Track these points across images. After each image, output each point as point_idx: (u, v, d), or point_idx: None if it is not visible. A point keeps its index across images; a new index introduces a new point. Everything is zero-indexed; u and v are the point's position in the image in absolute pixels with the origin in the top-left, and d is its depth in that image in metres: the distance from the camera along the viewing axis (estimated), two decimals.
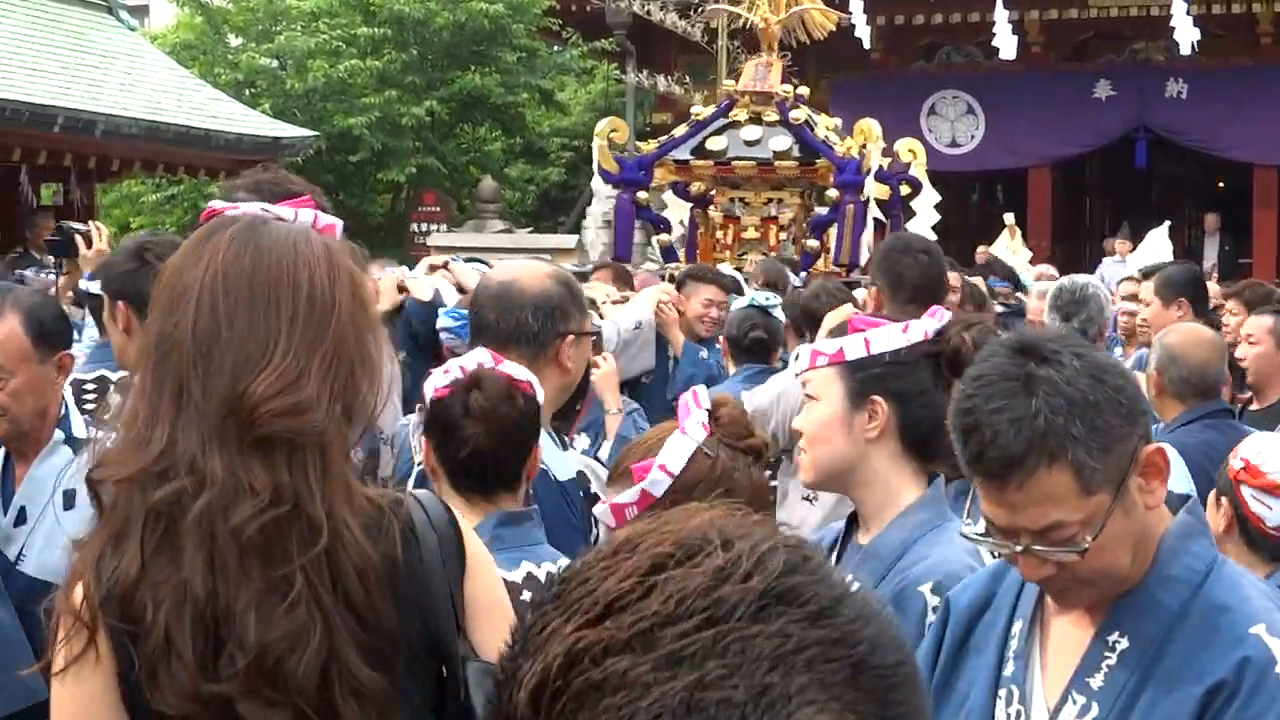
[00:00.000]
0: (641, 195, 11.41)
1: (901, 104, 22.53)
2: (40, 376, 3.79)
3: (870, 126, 11.34)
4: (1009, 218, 19.13)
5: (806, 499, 5.29)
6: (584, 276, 8.53)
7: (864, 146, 11.10)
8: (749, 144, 11.13)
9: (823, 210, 11.25)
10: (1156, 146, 22.13)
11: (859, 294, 7.27)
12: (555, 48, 26.34)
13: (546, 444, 3.50)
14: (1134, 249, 18.39)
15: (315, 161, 22.58)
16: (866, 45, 20.84)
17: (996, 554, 2.45)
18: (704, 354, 7.47)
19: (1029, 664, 2.41)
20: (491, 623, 2.21)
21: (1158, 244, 17.43)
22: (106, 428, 2.24)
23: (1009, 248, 17.81)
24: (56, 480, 3.70)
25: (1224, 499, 3.84)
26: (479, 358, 3.31)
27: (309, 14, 25.79)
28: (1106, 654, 2.29)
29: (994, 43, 20.22)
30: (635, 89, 22.83)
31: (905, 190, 11.65)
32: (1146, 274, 8.64)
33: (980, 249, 19.44)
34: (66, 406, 3.98)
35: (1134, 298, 8.90)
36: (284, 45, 25.57)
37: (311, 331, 2.14)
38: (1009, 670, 2.42)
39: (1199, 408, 5.17)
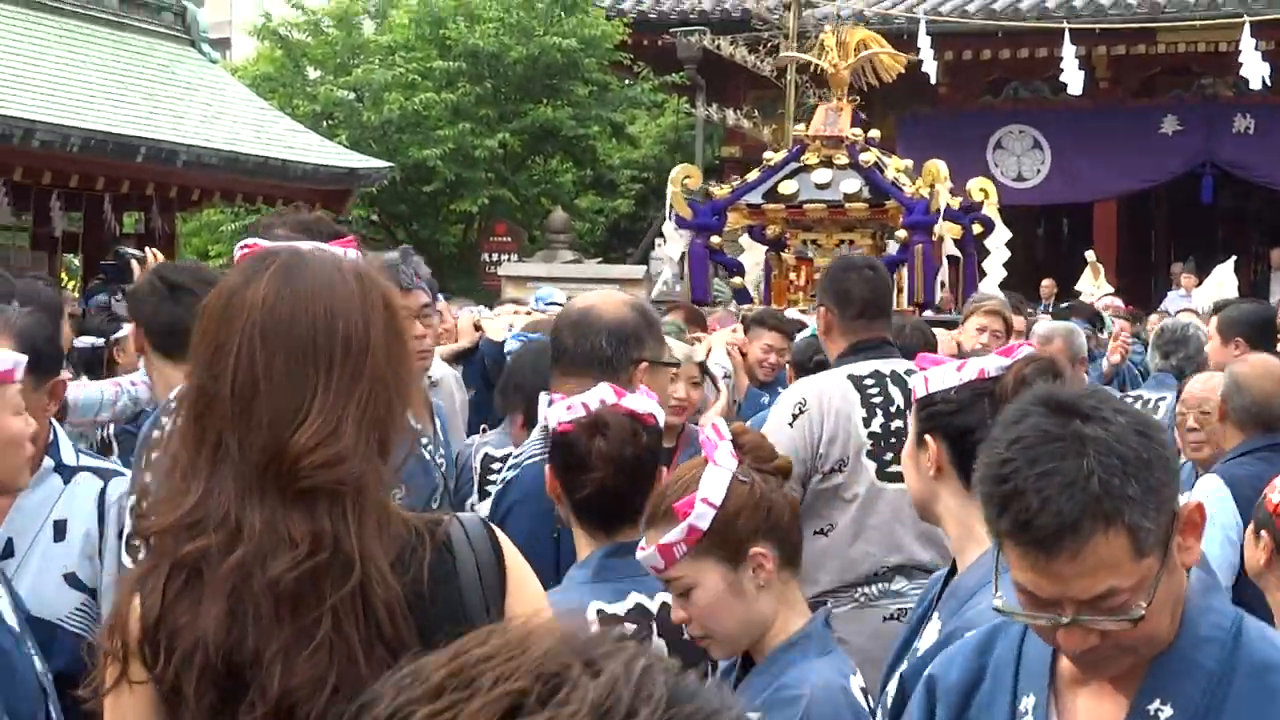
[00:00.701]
0: (714, 240, 11.45)
1: (968, 138, 22.52)
2: (31, 403, 3.46)
3: (938, 167, 11.30)
4: (1090, 255, 18.98)
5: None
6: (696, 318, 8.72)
7: (932, 187, 11.07)
8: (820, 187, 11.15)
9: (893, 250, 11.23)
10: (1223, 181, 22.00)
11: (941, 334, 7.36)
12: (626, 81, 26.43)
13: None
14: (1199, 283, 18.24)
15: (390, 192, 22.74)
16: (934, 80, 20.75)
17: (1033, 627, 2.18)
18: (765, 399, 7.44)
19: None
20: None
21: (1223, 279, 17.30)
22: (151, 473, 2.33)
23: (1093, 285, 17.65)
24: (49, 511, 3.58)
25: (1264, 531, 3.79)
26: (601, 394, 3.29)
27: (386, 48, 25.99)
28: None
29: (1061, 78, 20.11)
30: (705, 122, 22.83)
31: (977, 229, 11.63)
32: (1217, 309, 8.58)
33: (1045, 283, 19.34)
34: (56, 433, 3.77)
35: None
36: (361, 78, 25.76)
37: (348, 376, 2.15)
38: None
39: (1258, 439, 5.09)
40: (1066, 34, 20.09)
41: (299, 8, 27.95)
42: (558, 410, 3.23)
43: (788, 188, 11.22)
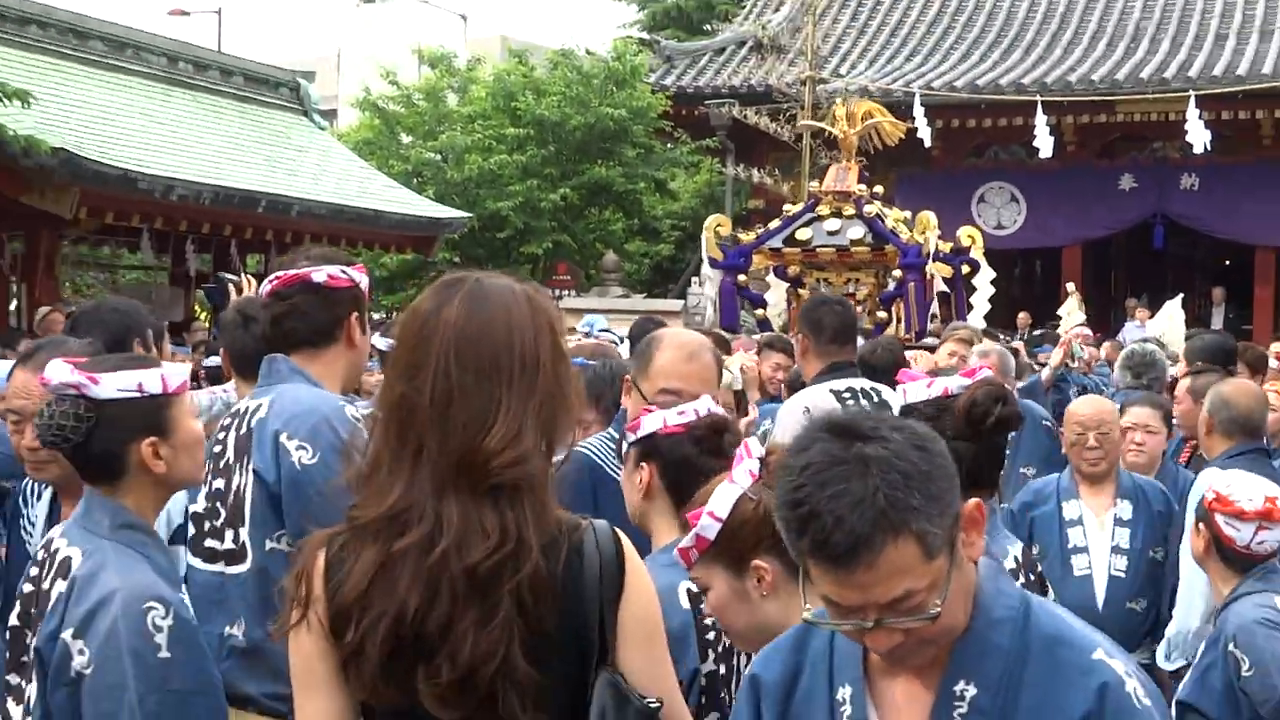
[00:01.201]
0: (741, 278, 11.60)
1: (956, 193, 22.56)
2: None
3: (928, 218, 11.45)
4: (1071, 287, 18.91)
5: None
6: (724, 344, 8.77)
7: (924, 234, 11.20)
8: (831, 234, 11.26)
9: (890, 287, 11.34)
10: (1172, 230, 21.95)
11: (925, 356, 7.49)
12: (668, 145, 26.46)
13: None
14: (1152, 316, 18.21)
15: (469, 238, 22.84)
16: (927, 144, 20.81)
17: (840, 632, 2.03)
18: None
19: None
20: (639, 644, 2.22)
21: (1173, 313, 17.23)
22: (352, 468, 2.24)
23: (1077, 312, 17.53)
24: None
25: (1202, 524, 3.89)
26: (706, 404, 3.25)
27: (467, 117, 26.10)
28: (957, 703, 1.97)
29: (1034, 143, 20.17)
30: (733, 180, 22.89)
31: (966, 269, 11.75)
32: (1187, 339, 8.58)
33: (1021, 315, 19.36)
34: None
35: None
36: (446, 143, 25.87)
37: (526, 388, 2.15)
38: None
39: (1242, 445, 5.17)
40: (1039, 106, 20.16)
41: (394, 84, 28.14)
42: (668, 415, 3.14)
43: (803, 234, 11.35)
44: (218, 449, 3.53)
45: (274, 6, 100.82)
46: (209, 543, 3.49)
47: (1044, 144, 20.08)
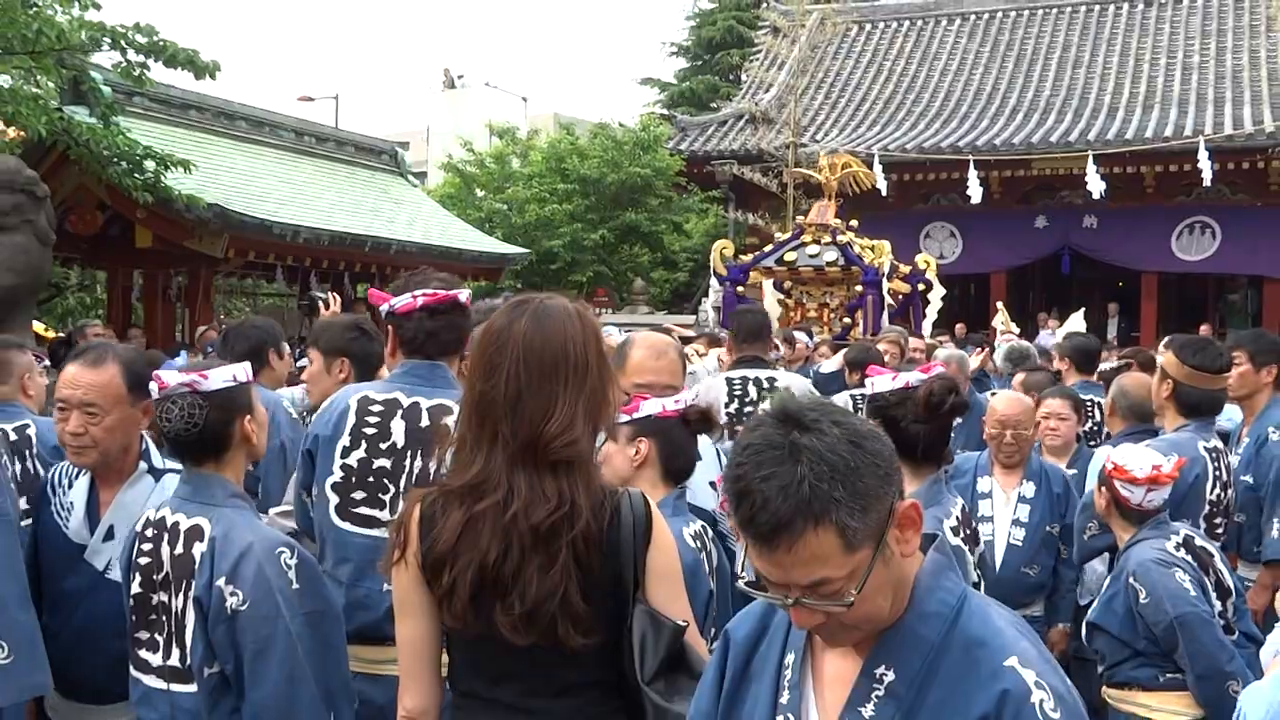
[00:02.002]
0: (740, 289, 11.64)
1: (907, 230, 22.41)
2: (129, 417, 3.15)
3: (884, 246, 11.45)
4: (1000, 305, 18.68)
5: None
6: (686, 340, 8.68)
7: (880, 258, 11.21)
8: (812, 256, 11.41)
9: (854, 300, 11.33)
10: (1076, 258, 21.82)
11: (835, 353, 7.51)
12: (683, 195, 26.51)
13: None
14: (1060, 325, 18.09)
15: (528, 269, 22.91)
16: (884, 193, 20.76)
17: (769, 603, 1.81)
18: None
19: (803, 693, 1.81)
20: (663, 581, 2.23)
21: (1076, 323, 17.09)
22: (444, 448, 2.35)
23: (1007, 325, 17.34)
24: (144, 503, 3.06)
25: (1103, 487, 3.86)
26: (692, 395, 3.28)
27: (527, 176, 26.22)
28: (875, 686, 1.72)
29: (968, 191, 20.09)
30: (734, 221, 22.89)
31: (922, 287, 11.82)
32: (1065, 338, 8.46)
33: (958, 326, 19.24)
34: (147, 443, 3.28)
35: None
36: (510, 196, 25.98)
37: (578, 387, 2.18)
38: (785, 699, 1.82)
39: (1136, 426, 5.13)
40: (971, 163, 20.09)
41: (471, 151, 28.24)
42: (665, 402, 3.09)
43: (790, 257, 11.48)
44: (373, 430, 3.23)
45: (378, 93, 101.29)
46: (362, 510, 3.22)
47: (975, 192, 20.01)
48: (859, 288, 11.34)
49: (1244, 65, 22.11)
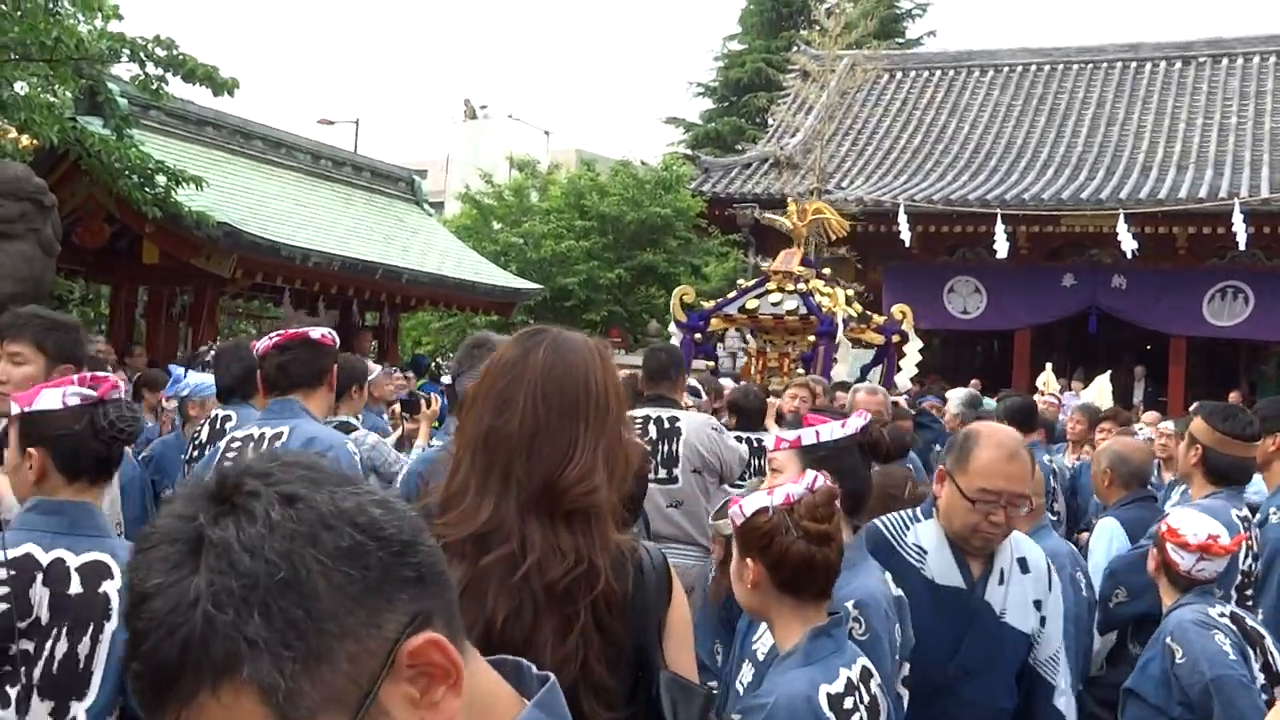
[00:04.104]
0: (698, 336, 11.53)
1: (931, 284, 22.49)
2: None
3: (837, 293, 11.39)
4: (1049, 366, 18.54)
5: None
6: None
7: (836, 307, 11.14)
8: (774, 305, 11.29)
9: (807, 351, 11.26)
10: (1103, 319, 21.74)
11: (772, 400, 7.46)
12: (703, 238, 26.55)
13: None
14: (1085, 387, 18.00)
15: (542, 305, 22.93)
16: (908, 245, 20.80)
17: None
18: None
19: None
20: (680, 642, 2.09)
21: (1102, 385, 17.02)
22: (432, 495, 2.06)
23: (1054, 385, 17.20)
24: None
25: (1155, 549, 3.83)
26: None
27: (544, 210, 26.30)
28: None
29: (994, 246, 20.09)
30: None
31: (897, 339, 11.70)
32: (999, 399, 8.38)
33: (973, 381, 19.14)
34: None
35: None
36: (527, 230, 26.05)
37: (599, 429, 2.02)
38: None
39: (1136, 493, 5.06)
40: (999, 217, 20.09)
41: (489, 183, 28.38)
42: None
43: (752, 304, 11.39)
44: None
45: (399, 120, 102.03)
46: None
47: (1002, 247, 20.02)
48: (811, 338, 11.23)
49: None
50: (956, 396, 8.48)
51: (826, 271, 12.47)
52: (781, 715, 2.23)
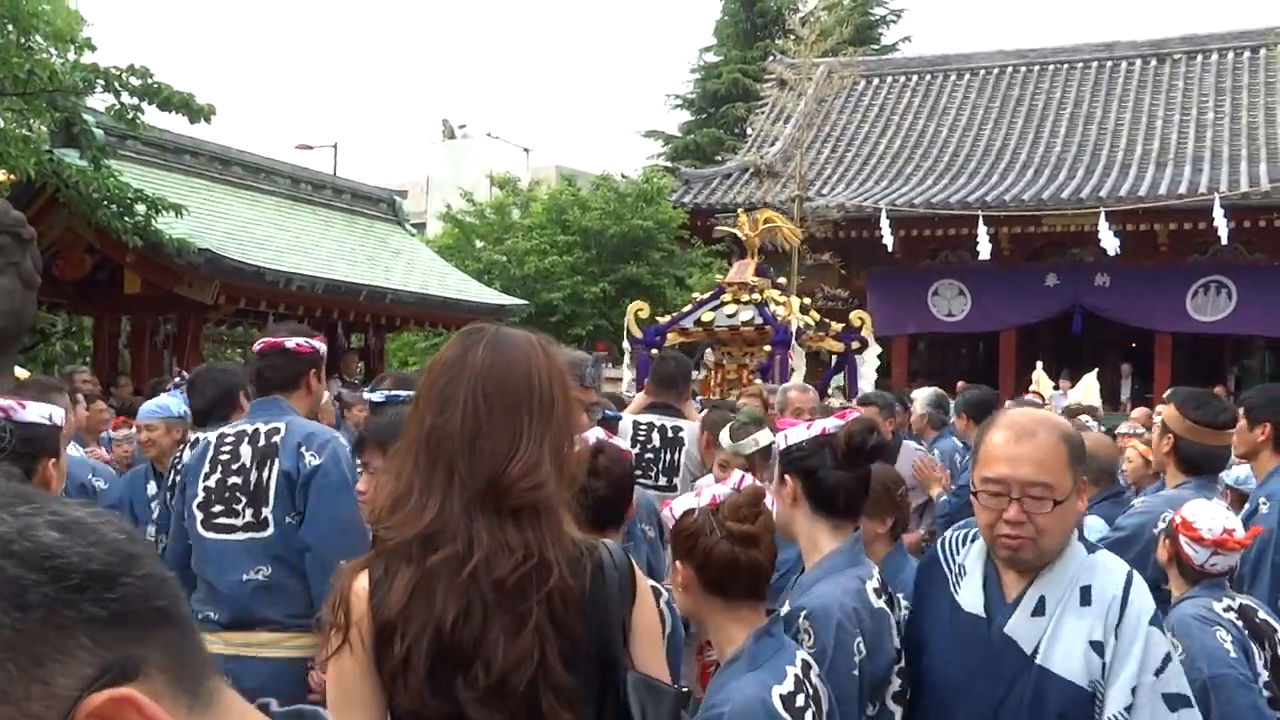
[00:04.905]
0: (654, 351, 11.25)
1: (915, 287, 22.59)
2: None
3: (793, 303, 11.25)
4: (1039, 364, 18.54)
5: None
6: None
7: (789, 317, 10.97)
8: (729, 316, 11.09)
9: (764, 362, 11.09)
10: (1087, 318, 21.84)
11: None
12: (686, 249, 26.58)
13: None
14: (1072, 386, 18.07)
15: (527, 321, 22.90)
16: (891, 249, 20.86)
17: None
18: None
19: None
20: (647, 642, 2.05)
21: (1089, 383, 17.09)
22: (380, 496, 2.04)
23: (1049, 387, 17.21)
24: None
25: (1167, 540, 3.79)
26: (597, 433, 3.17)
27: (527, 227, 26.32)
28: None
29: (977, 248, 20.16)
30: None
31: (856, 345, 11.52)
32: (959, 393, 8.33)
33: (959, 384, 19.20)
34: None
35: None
36: (510, 247, 26.06)
37: (543, 424, 1.97)
38: None
39: (1109, 490, 5.04)
40: (980, 219, 20.17)
41: (471, 201, 28.39)
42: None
43: (708, 317, 11.17)
44: (226, 456, 4.07)
45: (377, 142, 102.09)
46: (222, 520, 4.02)
47: (984, 249, 20.10)
48: (767, 348, 11.10)
49: (1259, 122, 22.29)
50: (922, 396, 8.41)
51: (782, 281, 12.32)
52: None
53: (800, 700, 2.36)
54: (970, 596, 2.63)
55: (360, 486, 3.55)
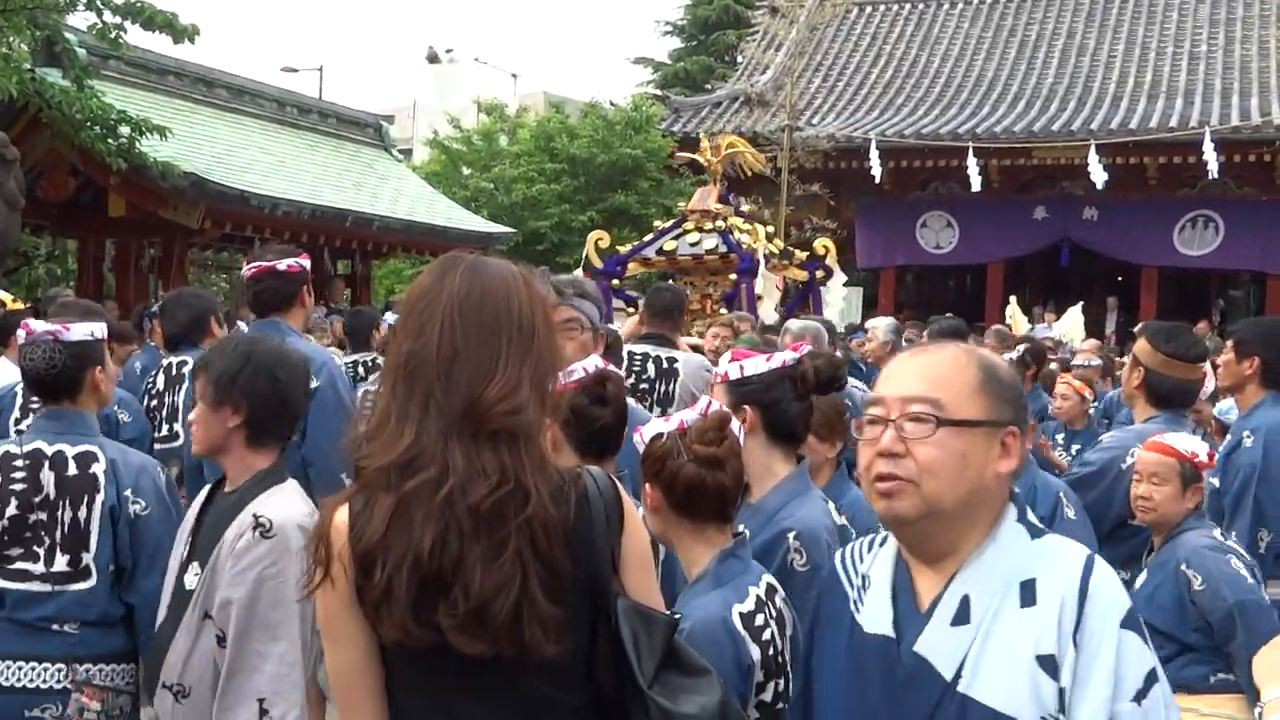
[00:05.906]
0: (615, 282, 11.04)
1: (903, 219, 22.55)
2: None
3: (759, 230, 11.02)
4: (1013, 299, 18.49)
5: None
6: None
7: (756, 243, 10.72)
8: (692, 245, 10.78)
9: (729, 290, 10.85)
10: (1075, 251, 21.82)
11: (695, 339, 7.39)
12: (674, 179, 26.46)
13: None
14: (1057, 319, 18.12)
15: (514, 250, 22.83)
16: (879, 181, 20.79)
17: None
18: None
19: None
20: (638, 570, 2.00)
21: (1074, 317, 17.16)
22: (361, 422, 1.99)
23: (1013, 317, 17.20)
24: None
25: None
26: (596, 362, 3.17)
27: (515, 154, 26.14)
28: None
29: (968, 180, 20.12)
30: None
31: (820, 274, 11.32)
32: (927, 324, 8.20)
33: (946, 316, 19.27)
34: None
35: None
36: (498, 175, 25.90)
37: (522, 349, 1.94)
38: None
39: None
40: (970, 151, 20.09)
41: (458, 128, 28.15)
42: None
43: (670, 246, 10.83)
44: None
45: (364, 66, 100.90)
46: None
47: (974, 181, 20.06)
48: (733, 276, 10.84)
49: (1253, 56, 22.14)
50: (882, 324, 8.28)
51: (746, 209, 12.10)
52: (699, 638, 2.22)
53: (760, 619, 2.39)
54: (875, 613, 1.95)
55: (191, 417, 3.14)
